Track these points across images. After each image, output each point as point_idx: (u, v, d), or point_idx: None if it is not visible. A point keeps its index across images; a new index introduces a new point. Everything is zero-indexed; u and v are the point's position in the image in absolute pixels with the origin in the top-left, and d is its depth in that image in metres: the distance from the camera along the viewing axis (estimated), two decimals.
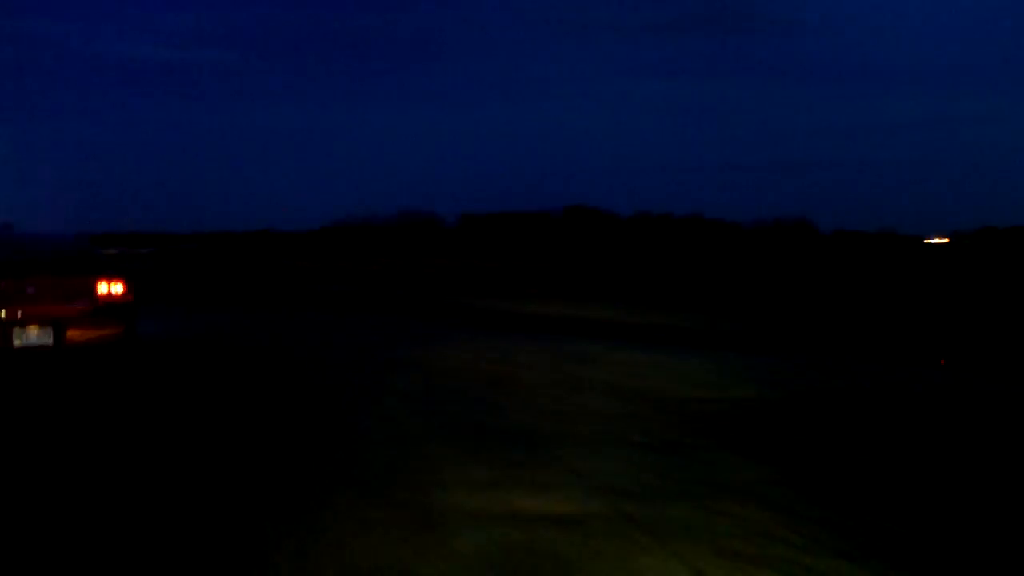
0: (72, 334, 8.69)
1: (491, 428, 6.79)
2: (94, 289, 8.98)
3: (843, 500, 4.99)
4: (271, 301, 20.06)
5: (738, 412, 7.42)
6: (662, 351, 11.61)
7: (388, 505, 4.80)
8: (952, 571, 4.13)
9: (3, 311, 8.39)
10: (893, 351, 12.83)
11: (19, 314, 8.46)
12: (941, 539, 4.51)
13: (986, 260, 40.53)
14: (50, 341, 8.59)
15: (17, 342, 8.45)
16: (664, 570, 3.97)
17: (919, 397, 8.53)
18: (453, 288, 25.65)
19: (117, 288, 9.15)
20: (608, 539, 4.32)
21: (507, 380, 9.04)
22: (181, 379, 9.27)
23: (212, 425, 6.88)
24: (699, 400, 8.02)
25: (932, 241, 61.38)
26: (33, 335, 8.55)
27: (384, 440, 6.30)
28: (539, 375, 9.39)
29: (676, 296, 23.12)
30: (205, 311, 17.12)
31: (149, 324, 13.12)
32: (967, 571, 4.15)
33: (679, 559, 4.06)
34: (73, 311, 8.76)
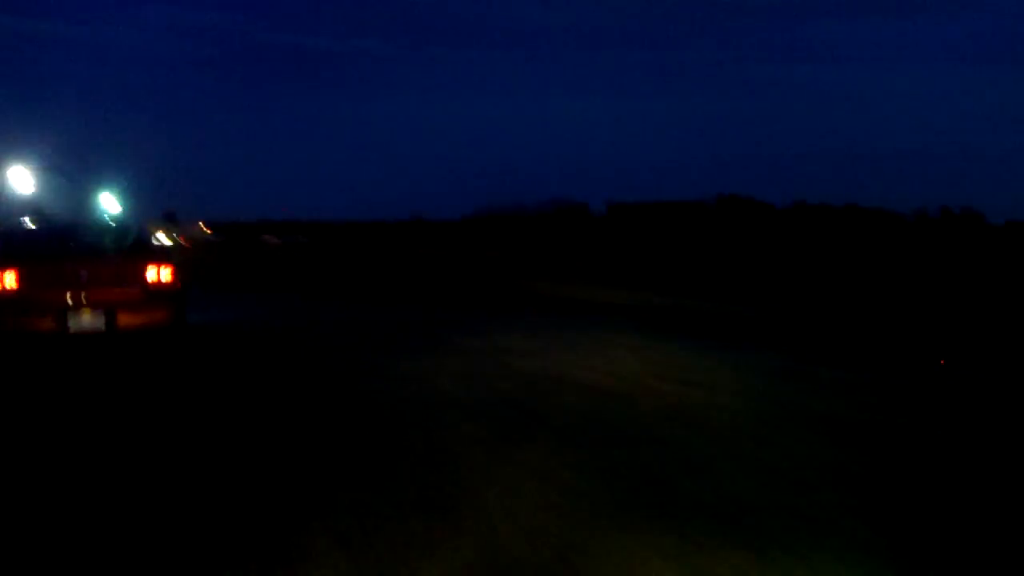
0: (123, 319, 8.98)
1: None
2: (144, 275, 9.21)
3: None
4: (364, 292, 19.47)
5: None
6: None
7: None
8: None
9: (58, 296, 8.81)
10: None
11: (73, 299, 8.78)
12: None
13: None
14: (102, 326, 8.89)
15: (72, 326, 8.83)
16: None
17: None
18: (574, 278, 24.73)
19: (166, 274, 9.36)
20: None
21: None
22: (225, 364, 9.54)
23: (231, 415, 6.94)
24: None
25: None
26: (86, 320, 8.80)
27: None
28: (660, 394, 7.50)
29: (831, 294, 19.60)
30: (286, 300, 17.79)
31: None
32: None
33: None
34: (124, 296, 9.05)
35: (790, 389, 7.87)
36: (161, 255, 9.70)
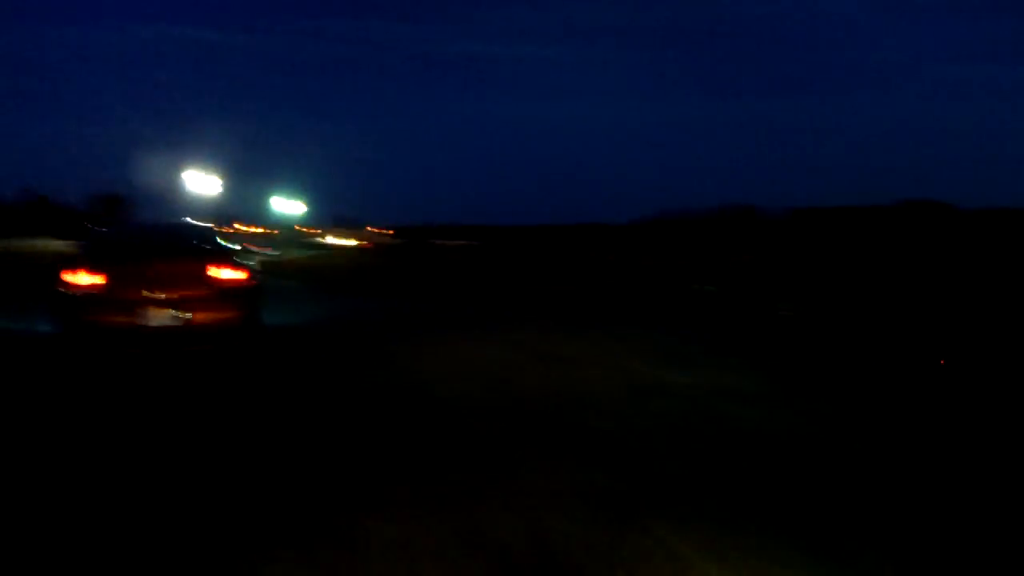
0: (196, 316, 9.69)
1: None
2: (217, 275, 9.94)
3: None
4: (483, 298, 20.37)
5: None
6: None
7: None
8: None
9: (137, 294, 9.60)
10: None
11: (149, 296, 9.62)
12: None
13: None
14: (176, 322, 9.65)
15: (147, 322, 9.62)
16: None
17: None
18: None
19: (239, 274, 10.06)
20: None
21: None
22: (289, 362, 10.26)
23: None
24: None
25: None
26: (161, 316, 9.63)
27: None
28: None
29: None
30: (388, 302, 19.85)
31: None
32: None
33: None
34: (197, 295, 9.78)
35: None
36: (236, 257, 10.36)
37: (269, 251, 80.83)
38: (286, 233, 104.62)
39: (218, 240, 11.02)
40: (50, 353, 10.15)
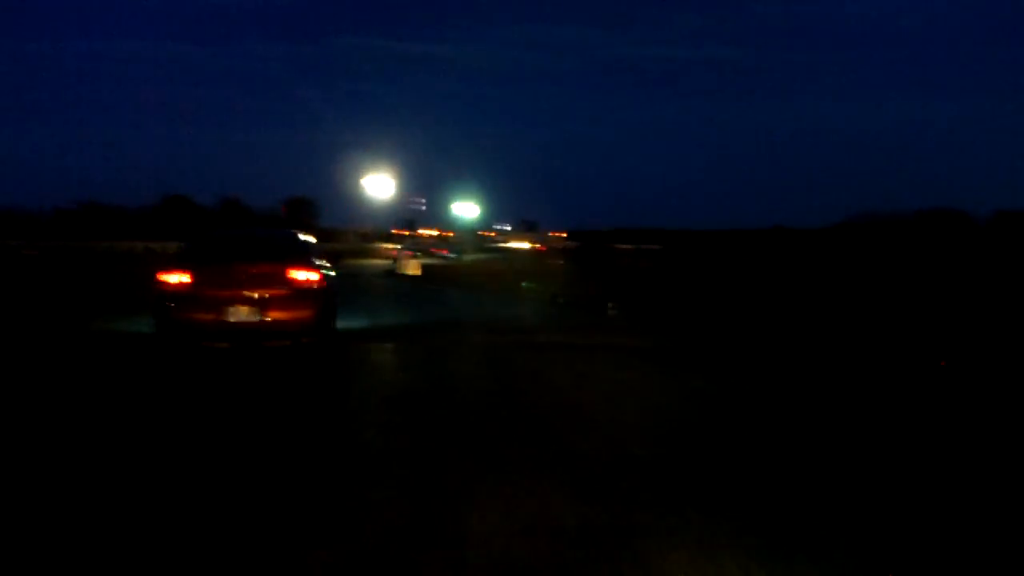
0: (272, 314, 10.81)
1: None
2: (292, 276, 11.01)
3: None
4: None
5: None
6: None
7: None
8: None
9: (221, 293, 10.83)
10: None
11: (232, 295, 10.80)
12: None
13: None
14: (256, 319, 10.78)
15: (230, 319, 10.83)
16: None
17: None
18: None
19: (312, 276, 11.11)
20: None
21: None
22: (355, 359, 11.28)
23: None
24: None
25: None
26: (242, 313, 10.79)
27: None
28: None
29: None
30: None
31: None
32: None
33: None
34: (275, 294, 10.89)
35: None
36: (310, 260, 11.43)
37: (447, 254, 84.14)
38: (465, 236, 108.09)
39: (301, 246, 12.10)
40: (149, 345, 11.62)
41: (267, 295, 10.78)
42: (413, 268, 41.81)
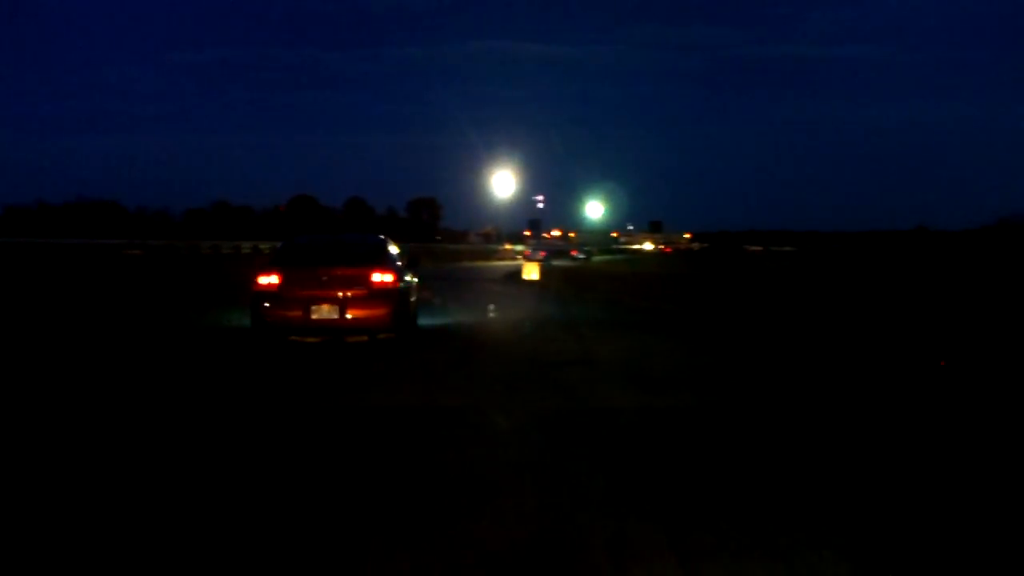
0: (351, 311, 12.18)
1: None
2: (369, 278, 12.37)
3: None
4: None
5: None
6: None
7: None
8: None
9: (305, 293, 12.28)
10: None
11: (316, 295, 12.21)
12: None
13: None
14: (336, 316, 12.18)
15: (314, 316, 12.25)
16: None
17: None
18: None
19: (387, 278, 12.43)
20: None
21: None
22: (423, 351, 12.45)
23: None
24: None
25: None
26: (324, 311, 12.18)
27: None
28: None
29: None
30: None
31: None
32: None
33: None
34: (353, 294, 12.25)
35: None
36: (388, 263, 12.77)
37: (576, 255, 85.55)
38: (593, 237, 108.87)
39: (379, 251, 13.43)
40: (245, 339, 13.24)
41: (347, 295, 12.15)
42: (529, 272, 38.67)
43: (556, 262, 70.61)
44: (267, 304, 12.23)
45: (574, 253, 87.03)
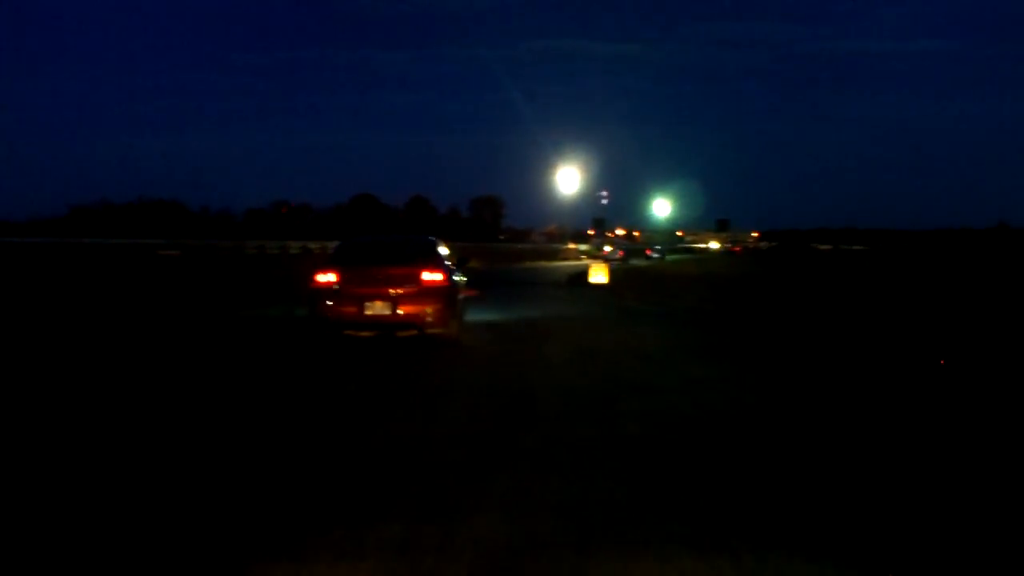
0: (402, 308, 13.22)
1: None
2: (419, 276, 13.38)
3: None
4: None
5: None
6: None
7: None
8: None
9: (359, 290, 13.35)
10: None
11: (369, 292, 13.25)
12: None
13: None
14: (388, 312, 13.20)
15: (367, 312, 13.30)
16: None
17: None
18: None
19: (437, 276, 13.42)
20: None
21: None
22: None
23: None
24: None
25: None
26: (377, 307, 13.20)
27: None
28: None
29: None
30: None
31: None
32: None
33: None
34: (404, 291, 13.27)
35: None
36: (437, 263, 13.79)
37: (650, 254, 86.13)
38: (659, 236, 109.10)
39: (429, 251, 14.45)
40: (303, 333, 14.43)
41: (399, 292, 13.15)
42: (596, 274, 35.21)
43: (633, 261, 71.18)
44: (324, 300, 13.30)
45: (648, 252, 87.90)
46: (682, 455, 6.81)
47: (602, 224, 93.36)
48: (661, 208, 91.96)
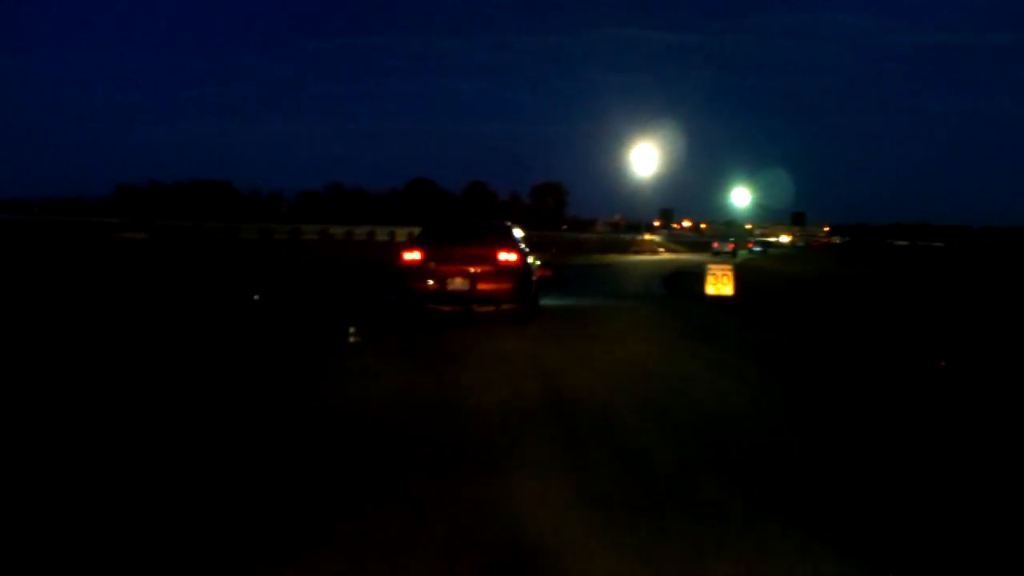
0: (480, 285, 15.65)
1: None
2: (496, 256, 15.80)
3: None
4: None
5: None
6: None
7: None
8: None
9: (441, 268, 15.93)
10: None
11: (451, 270, 15.74)
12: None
13: None
14: (467, 288, 15.66)
15: (449, 288, 15.82)
16: None
17: None
18: None
19: (512, 257, 15.84)
20: None
21: None
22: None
23: None
24: None
25: None
26: (457, 283, 15.59)
27: None
28: None
29: None
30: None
31: None
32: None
33: None
34: (482, 270, 15.69)
35: None
36: (512, 244, 16.32)
37: (753, 248, 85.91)
38: (728, 230, 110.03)
39: (505, 234, 16.94)
40: (392, 308, 17.13)
41: (477, 271, 15.61)
42: (719, 284, 25.78)
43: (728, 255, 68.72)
44: (411, 276, 15.92)
45: (751, 246, 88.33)
46: None
47: (670, 215, 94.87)
48: (741, 197, 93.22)
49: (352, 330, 13.92)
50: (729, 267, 26.73)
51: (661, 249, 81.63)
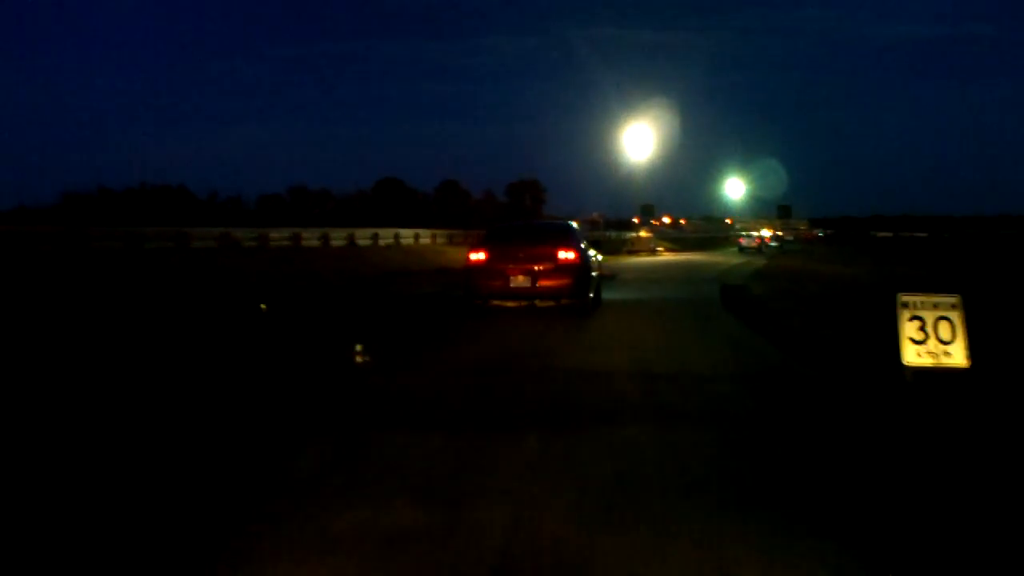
0: (540, 282, 18.42)
1: None
2: (556, 255, 18.54)
3: None
4: None
5: None
6: None
7: None
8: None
9: (505, 267, 18.68)
10: None
11: (514, 268, 18.54)
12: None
13: None
14: (529, 285, 18.43)
15: (512, 285, 18.61)
16: None
17: None
18: None
19: (570, 255, 18.63)
20: None
21: None
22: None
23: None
24: None
25: None
26: (520, 280, 18.36)
27: None
28: None
29: None
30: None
31: None
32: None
33: None
34: (542, 268, 18.47)
35: None
36: (571, 243, 19.03)
37: (769, 242, 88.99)
38: (707, 224, 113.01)
39: (565, 233, 19.70)
40: (460, 303, 20.02)
41: (538, 268, 18.37)
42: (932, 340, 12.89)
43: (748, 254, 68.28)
44: (477, 275, 18.71)
45: (768, 241, 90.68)
46: None
47: (651, 211, 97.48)
48: (736, 188, 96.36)
49: (359, 348, 12.65)
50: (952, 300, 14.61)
51: (660, 248, 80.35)
